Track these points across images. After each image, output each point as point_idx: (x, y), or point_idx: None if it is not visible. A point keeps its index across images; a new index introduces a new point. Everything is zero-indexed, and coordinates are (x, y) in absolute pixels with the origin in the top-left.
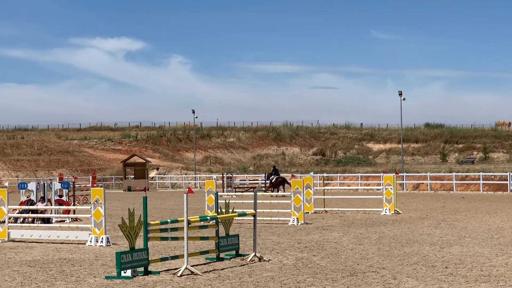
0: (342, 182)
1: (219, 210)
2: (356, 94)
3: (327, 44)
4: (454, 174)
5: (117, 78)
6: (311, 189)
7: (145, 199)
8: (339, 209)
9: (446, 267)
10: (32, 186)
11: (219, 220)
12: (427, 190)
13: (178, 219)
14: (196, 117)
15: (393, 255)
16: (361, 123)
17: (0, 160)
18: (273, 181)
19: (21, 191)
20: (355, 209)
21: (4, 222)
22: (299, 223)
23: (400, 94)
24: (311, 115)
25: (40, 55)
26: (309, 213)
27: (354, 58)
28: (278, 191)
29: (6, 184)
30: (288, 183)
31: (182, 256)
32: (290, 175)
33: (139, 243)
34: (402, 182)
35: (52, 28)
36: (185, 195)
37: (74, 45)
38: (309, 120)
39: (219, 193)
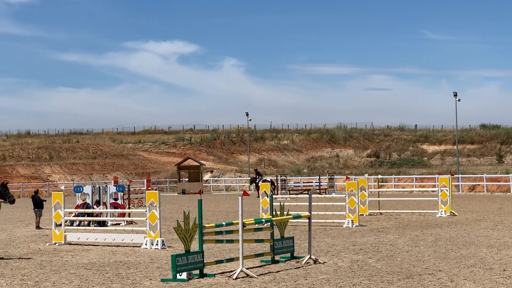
0: (397, 184)
1: (274, 212)
2: (410, 95)
3: (380, 45)
4: (511, 175)
5: (171, 81)
6: (365, 191)
7: (200, 202)
8: (394, 211)
9: (504, 270)
10: (87, 189)
11: (274, 223)
12: (483, 191)
13: (233, 221)
14: (250, 120)
15: (449, 258)
16: (415, 125)
17: (56, 163)
18: (259, 184)
19: (77, 194)
20: (410, 211)
21: (60, 225)
22: (353, 225)
23: (455, 95)
24: (365, 117)
25: (94, 59)
26: (364, 215)
27: (407, 59)
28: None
29: (62, 187)
30: (274, 186)
31: (237, 258)
32: (345, 177)
33: (194, 246)
34: (458, 183)
35: (106, 32)
36: (240, 197)
37: (127, 49)
38: (363, 122)
39: (272, 196)
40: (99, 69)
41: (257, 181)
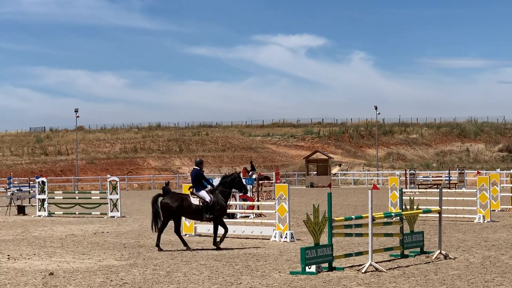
0: None
1: (403, 206)
2: None
3: None
4: None
5: (299, 74)
6: (497, 186)
7: (329, 195)
8: None
9: None
10: (217, 182)
11: (404, 217)
12: None
13: (362, 215)
14: (379, 113)
15: None
16: None
17: (185, 156)
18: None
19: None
20: None
21: None
22: (485, 221)
23: None
24: (497, 111)
25: (223, 53)
26: (496, 210)
27: None
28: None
29: None
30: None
31: (367, 252)
32: (476, 172)
33: (323, 239)
34: None
35: (235, 25)
36: (369, 191)
37: (256, 42)
38: (495, 116)
39: (402, 190)
40: (229, 62)
41: (249, 174)
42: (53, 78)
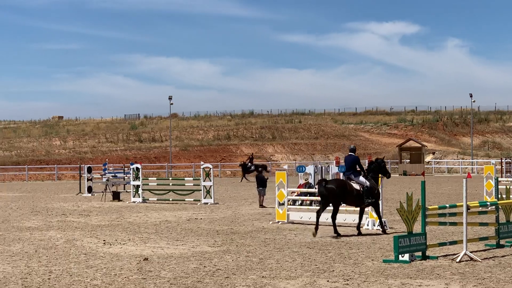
0: None
1: (499, 195)
2: None
3: None
4: None
5: (392, 62)
6: None
7: (423, 183)
8: None
9: None
10: (310, 169)
11: (499, 206)
12: None
13: (457, 204)
14: (474, 101)
15: None
16: None
17: (278, 143)
18: (251, 168)
19: (299, 174)
20: None
21: (283, 204)
22: None
23: None
24: None
25: (317, 40)
26: None
27: None
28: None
29: (285, 167)
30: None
31: (461, 241)
32: None
33: (416, 228)
34: None
35: (329, 13)
36: (464, 180)
37: (350, 29)
38: None
39: (498, 179)
40: (321, 50)
41: (247, 166)
42: (147, 66)
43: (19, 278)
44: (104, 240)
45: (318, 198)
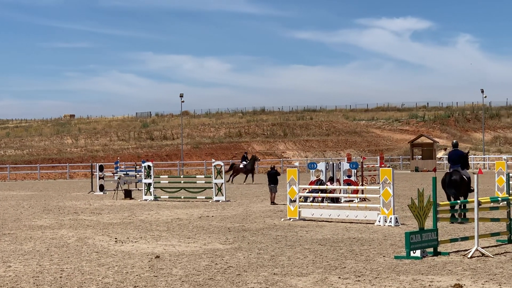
0: None
1: (510, 191)
2: None
3: None
4: None
5: (403, 58)
6: None
7: (434, 179)
8: None
9: None
10: (321, 166)
11: (511, 202)
12: None
13: (468, 200)
14: (485, 97)
15: None
16: None
17: (290, 140)
18: (240, 166)
19: (310, 171)
20: None
21: (295, 201)
22: None
23: None
24: None
25: (327, 37)
26: None
27: None
28: (232, 179)
29: (297, 164)
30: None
31: (472, 237)
32: None
33: (427, 224)
34: None
35: (338, 9)
36: (475, 175)
37: (360, 25)
38: None
39: (509, 174)
40: (332, 46)
41: (242, 165)
42: (158, 64)
43: (30, 277)
44: (115, 238)
45: (330, 195)
